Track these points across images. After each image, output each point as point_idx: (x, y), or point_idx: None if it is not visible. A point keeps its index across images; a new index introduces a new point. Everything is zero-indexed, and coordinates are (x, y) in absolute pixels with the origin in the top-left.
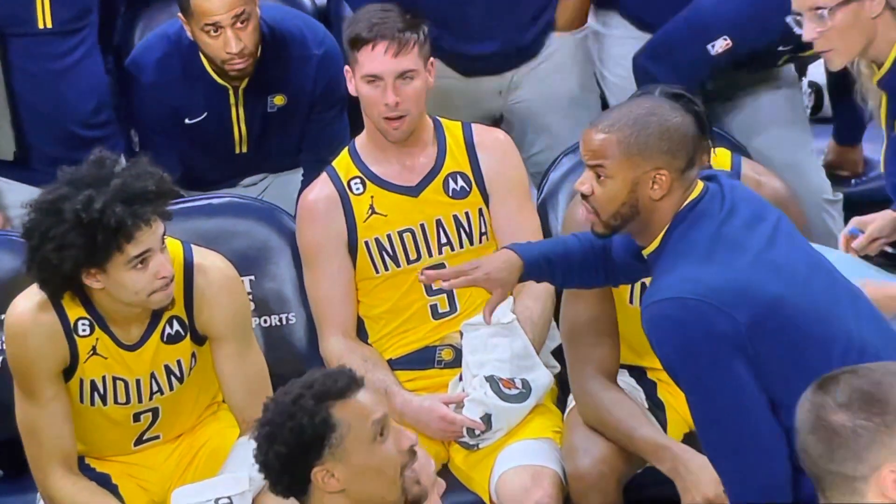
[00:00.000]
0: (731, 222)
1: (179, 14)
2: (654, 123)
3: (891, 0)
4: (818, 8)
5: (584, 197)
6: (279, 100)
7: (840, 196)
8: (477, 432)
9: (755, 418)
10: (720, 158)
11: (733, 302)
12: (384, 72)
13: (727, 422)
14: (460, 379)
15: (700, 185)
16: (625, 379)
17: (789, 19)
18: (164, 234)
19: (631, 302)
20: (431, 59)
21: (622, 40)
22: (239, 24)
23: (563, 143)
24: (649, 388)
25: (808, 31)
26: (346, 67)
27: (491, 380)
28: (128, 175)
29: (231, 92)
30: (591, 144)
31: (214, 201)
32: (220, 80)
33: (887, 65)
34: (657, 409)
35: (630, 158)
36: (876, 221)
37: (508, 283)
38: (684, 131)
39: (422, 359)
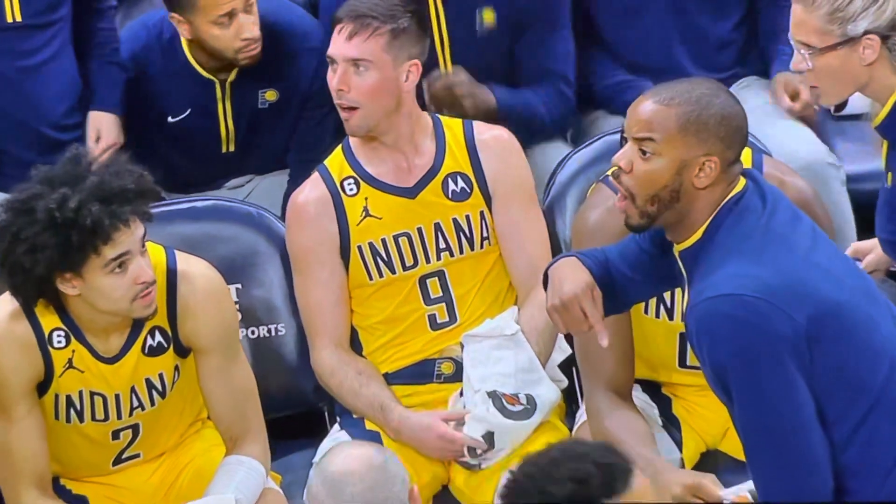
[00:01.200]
0: (777, 219)
1: (173, 14)
2: (717, 106)
3: (891, 45)
4: (805, 45)
5: (619, 177)
6: (270, 95)
7: (842, 165)
8: (479, 452)
9: (807, 426)
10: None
11: (793, 302)
12: (335, 54)
13: (778, 427)
14: (461, 394)
15: (742, 180)
16: (638, 395)
17: (790, 37)
18: (144, 237)
19: (646, 312)
20: (415, 60)
21: None
22: (249, 7)
23: None
24: (664, 404)
25: (795, 61)
26: None
27: (494, 395)
28: (105, 173)
29: (218, 86)
30: (643, 114)
31: (198, 204)
32: (205, 74)
33: (884, 111)
34: (672, 426)
35: (685, 137)
36: (873, 253)
37: None
38: (741, 122)
39: (420, 372)
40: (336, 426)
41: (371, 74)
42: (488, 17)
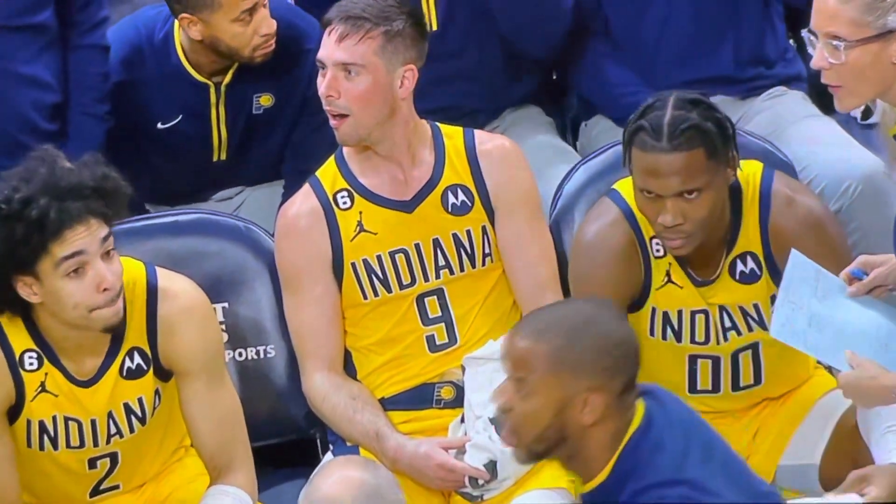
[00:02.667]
0: (691, 459)
1: (185, 15)
2: (592, 336)
3: None
4: (836, 37)
5: (501, 417)
6: (265, 100)
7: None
8: (480, 482)
9: None
10: (748, 170)
11: None
12: (324, 58)
13: None
14: (462, 420)
15: (640, 407)
16: None
17: (804, 34)
18: (106, 239)
19: (652, 334)
20: (411, 65)
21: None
22: (265, 1)
23: None
24: None
25: (818, 58)
26: None
27: (496, 422)
28: (64, 169)
29: (212, 90)
30: (514, 352)
31: (182, 218)
32: (199, 77)
33: None
34: None
35: (558, 375)
36: (882, 267)
37: None
38: (626, 347)
39: (418, 397)
40: (329, 454)
41: (362, 79)
42: None
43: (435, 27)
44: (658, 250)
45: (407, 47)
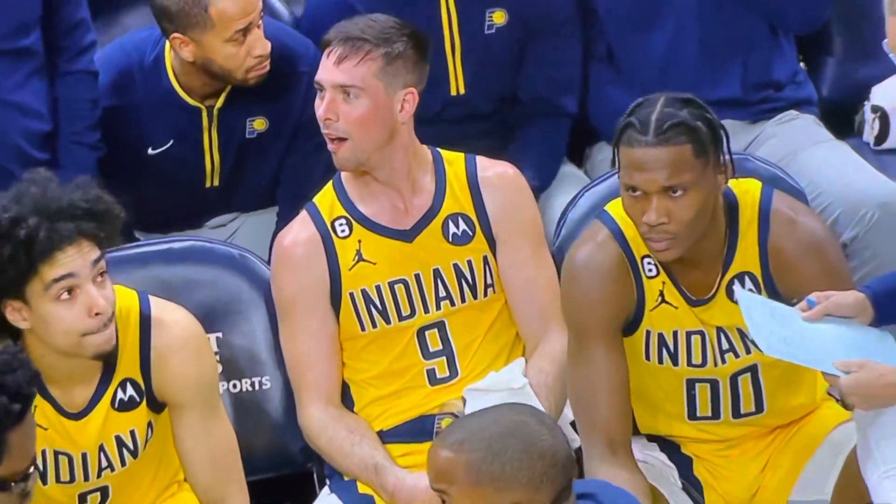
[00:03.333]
0: None
1: (176, 36)
2: (513, 446)
3: None
4: None
5: None
6: (259, 124)
7: None
8: None
9: None
10: (747, 188)
11: None
12: (322, 79)
13: None
14: None
15: None
16: (655, 455)
17: (884, 46)
18: (98, 262)
19: (647, 358)
20: (412, 88)
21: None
22: (260, 21)
23: None
24: (684, 464)
25: None
26: None
27: None
28: (56, 189)
29: (204, 113)
30: (434, 462)
31: (175, 245)
32: (191, 101)
33: None
34: (693, 488)
35: (479, 488)
36: (833, 297)
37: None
38: (553, 456)
39: (418, 430)
40: (325, 489)
41: (361, 102)
42: (498, 18)
43: (462, 91)
44: (650, 270)
45: (408, 70)
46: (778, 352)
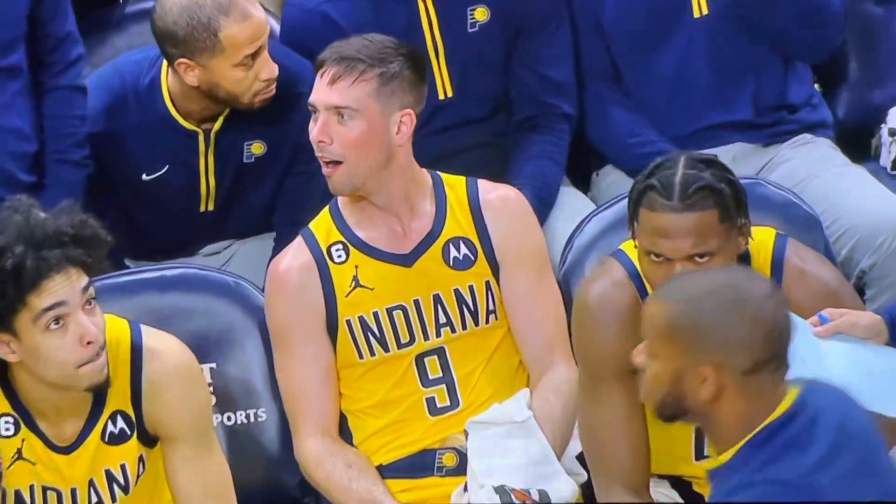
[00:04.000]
0: (825, 475)
1: (182, 61)
2: (716, 304)
3: None
4: None
5: (640, 368)
6: (257, 148)
7: None
8: None
9: None
10: (760, 239)
11: None
12: (316, 101)
13: None
14: (465, 489)
15: (791, 395)
16: (666, 492)
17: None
18: (87, 290)
19: None
20: (409, 110)
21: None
22: (267, 44)
23: None
24: (695, 503)
25: None
26: None
27: (501, 491)
28: (40, 217)
29: (201, 137)
30: (644, 310)
31: (168, 273)
32: (187, 125)
33: None
34: None
35: (675, 342)
36: (846, 316)
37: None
38: (764, 323)
39: (418, 464)
40: None
41: (356, 124)
42: (480, 14)
43: (450, 94)
44: None
45: (404, 91)
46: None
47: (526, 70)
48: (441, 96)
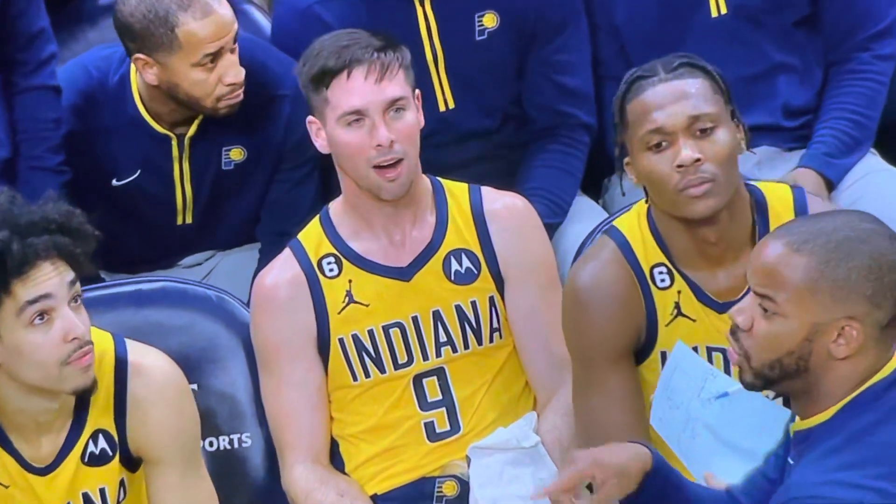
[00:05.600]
0: None
1: (139, 56)
2: (864, 254)
3: None
4: None
5: (735, 333)
6: (237, 153)
7: None
8: None
9: None
10: (774, 188)
11: None
12: (369, 104)
13: None
14: None
15: None
16: None
17: None
18: (74, 285)
19: None
20: (417, 90)
21: None
22: (234, 46)
23: None
24: None
25: None
26: (310, 119)
27: None
28: (25, 204)
29: (175, 142)
30: (766, 261)
31: (145, 286)
32: (159, 128)
33: None
34: None
35: (815, 295)
36: None
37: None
38: None
39: (416, 494)
40: None
41: (409, 114)
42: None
43: (451, 105)
44: (663, 280)
45: (412, 74)
46: (661, 431)
47: (540, 78)
48: (442, 108)
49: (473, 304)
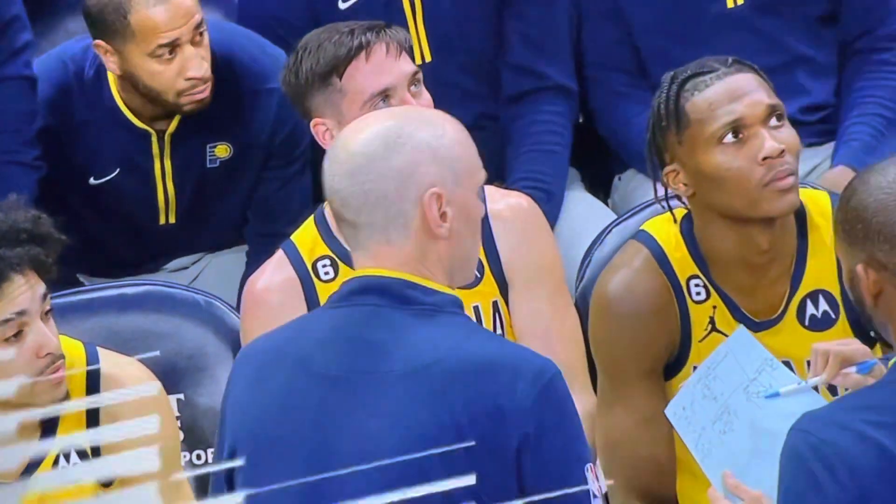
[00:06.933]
0: None
1: (99, 43)
2: (859, 197)
3: None
4: None
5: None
6: (222, 150)
7: None
8: None
9: None
10: (812, 195)
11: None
12: (396, 80)
13: None
14: None
15: None
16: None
17: None
18: (46, 297)
19: None
20: None
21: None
22: (198, 38)
23: None
24: None
25: None
26: (315, 122)
27: None
28: None
29: (154, 139)
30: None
31: (128, 291)
32: (138, 123)
33: None
34: None
35: (839, 241)
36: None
37: None
38: None
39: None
40: None
41: (424, 90)
42: None
43: (428, 58)
44: (698, 294)
45: None
46: (677, 421)
47: (515, 32)
48: (418, 61)
49: (476, 309)
